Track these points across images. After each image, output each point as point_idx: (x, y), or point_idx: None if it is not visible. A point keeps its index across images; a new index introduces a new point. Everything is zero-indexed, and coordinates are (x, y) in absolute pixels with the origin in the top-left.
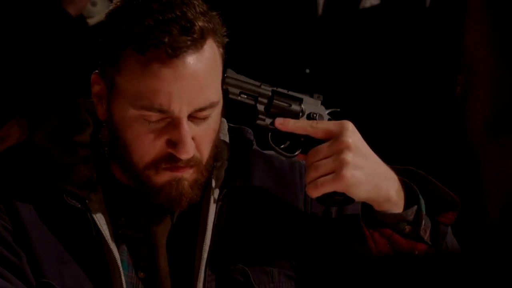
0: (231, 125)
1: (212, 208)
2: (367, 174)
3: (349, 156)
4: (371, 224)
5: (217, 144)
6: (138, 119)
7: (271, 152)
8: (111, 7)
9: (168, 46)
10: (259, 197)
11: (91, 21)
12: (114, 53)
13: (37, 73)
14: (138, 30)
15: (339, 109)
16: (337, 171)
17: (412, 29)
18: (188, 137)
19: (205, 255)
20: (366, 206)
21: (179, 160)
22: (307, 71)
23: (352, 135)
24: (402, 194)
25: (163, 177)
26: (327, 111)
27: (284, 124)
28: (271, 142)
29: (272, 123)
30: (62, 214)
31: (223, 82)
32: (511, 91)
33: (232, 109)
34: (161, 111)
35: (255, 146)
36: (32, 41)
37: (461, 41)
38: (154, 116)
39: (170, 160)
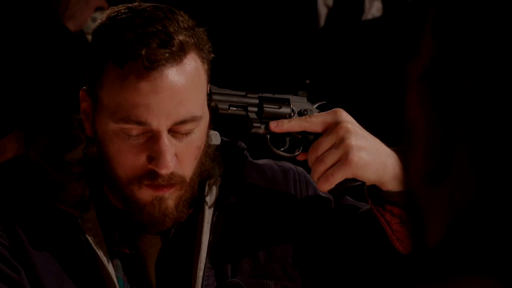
0: (224, 139)
1: (207, 226)
2: (372, 154)
3: (351, 140)
4: (381, 206)
5: (204, 162)
6: (119, 133)
7: (264, 161)
8: (96, 23)
9: (145, 58)
10: (253, 209)
11: (91, 38)
12: (97, 68)
13: (35, 87)
14: (118, 44)
15: (325, 102)
16: (343, 157)
17: (413, 40)
18: (168, 151)
19: (200, 273)
20: (371, 191)
21: (159, 176)
22: (307, 82)
23: (348, 119)
24: None
25: (146, 194)
26: (315, 105)
27: (279, 126)
28: (271, 147)
29: (267, 128)
30: (57, 232)
31: (210, 98)
32: (442, 152)
33: (225, 124)
34: (138, 123)
35: (249, 159)
36: (31, 55)
37: (403, 106)
38: (134, 129)
39: (151, 176)
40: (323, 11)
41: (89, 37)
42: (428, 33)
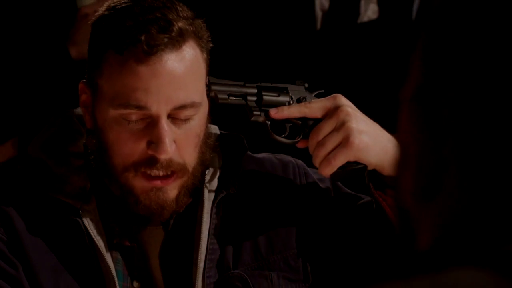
0: (223, 132)
1: (206, 217)
2: (373, 138)
3: (352, 123)
4: (382, 191)
5: (204, 151)
6: (118, 119)
7: (263, 154)
8: (96, 14)
9: (145, 43)
10: (253, 201)
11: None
12: (97, 58)
13: (29, 95)
14: (117, 31)
15: (323, 90)
16: (344, 140)
17: (410, 42)
18: (166, 135)
19: (201, 264)
20: (372, 176)
21: (157, 162)
22: (306, 85)
23: (347, 103)
24: None
25: (140, 183)
26: (313, 94)
27: (279, 112)
28: (272, 133)
29: (267, 116)
30: (57, 224)
31: (209, 89)
32: (431, 170)
33: (224, 114)
34: (138, 107)
35: (248, 152)
36: (29, 66)
37: (396, 129)
38: (133, 114)
39: (149, 163)
40: (319, 14)
41: None
42: (417, 61)
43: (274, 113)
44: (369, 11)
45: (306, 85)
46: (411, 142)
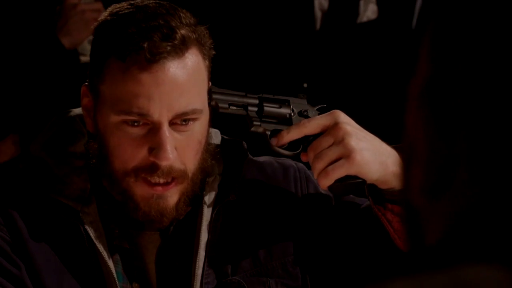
0: (224, 137)
1: (205, 224)
2: (373, 153)
3: (351, 141)
4: (382, 205)
5: (206, 157)
6: (120, 125)
7: (264, 158)
8: (98, 19)
9: (148, 51)
10: (253, 207)
11: (84, 59)
12: (99, 63)
13: (29, 91)
14: (120, 38)
15: (325, 105)
16: (345, 156)
17: (410, 42)
18: (168, 142)
19: (199, 271)
20: (372, 190)
21: (158, 169)
22: (305, 85)
23: (346, 121)
24: None
25: (141, 189)
26: (315, 108)
27: (279, 141)
28: (272, 145)
29: (272, 134)
30: (58, 225)
31: (211, 97)
32: (442, 166)
33: (224, 123)
34: (140, 114)
35: (249, 157)
36: (25, 61)
37: (403, 122)
38: (135, 121)
39: (150, 170)
40: (318, 14)
41: (83, 58)
42: (425, 54)
43: (275, 143)
44: (368, 11)
45: (305, 85)
46: (419, 137)
